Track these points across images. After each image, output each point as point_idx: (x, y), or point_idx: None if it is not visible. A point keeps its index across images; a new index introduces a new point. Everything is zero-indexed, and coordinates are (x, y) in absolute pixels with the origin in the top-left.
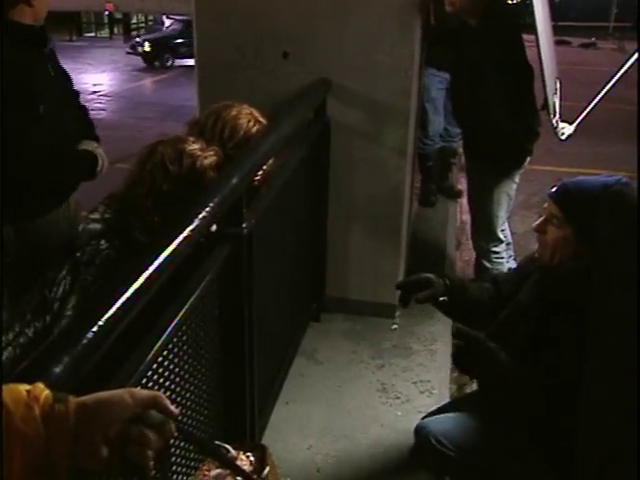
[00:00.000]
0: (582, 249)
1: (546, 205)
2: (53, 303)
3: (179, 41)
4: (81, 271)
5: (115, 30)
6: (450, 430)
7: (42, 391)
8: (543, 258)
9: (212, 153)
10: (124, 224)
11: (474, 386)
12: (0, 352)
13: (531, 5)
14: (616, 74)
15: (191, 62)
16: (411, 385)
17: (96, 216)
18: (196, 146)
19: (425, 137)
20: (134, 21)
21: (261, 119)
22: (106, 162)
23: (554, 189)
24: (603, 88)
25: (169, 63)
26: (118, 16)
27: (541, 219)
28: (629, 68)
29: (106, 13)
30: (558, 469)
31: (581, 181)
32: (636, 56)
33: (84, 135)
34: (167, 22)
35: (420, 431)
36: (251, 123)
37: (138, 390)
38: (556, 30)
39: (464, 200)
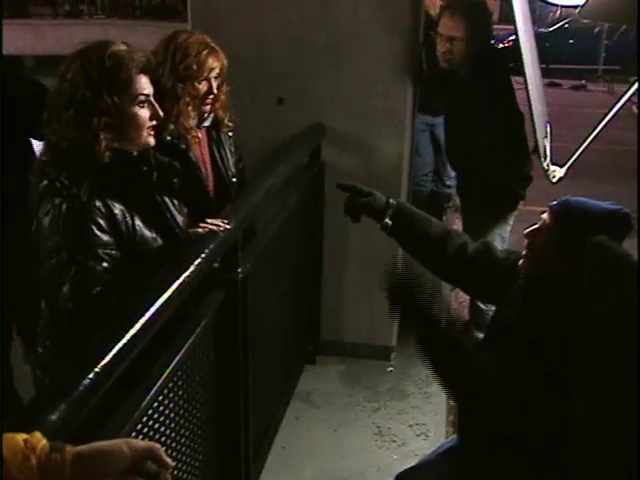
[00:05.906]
0: (566, 263)
1: (544, 215)
2: None
3: None
4: None
5: None
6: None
7: (39, 441)
8: (526, 268)
9: (140, 54)
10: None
11: None
12: (1, 398)
13: (519, 48)
14: (606, 117)
15: None
16: (407, 428)
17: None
18: (122, 47)
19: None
20: None
21: (212, 45)
22: None
23: (556, 201)
24: (594, 130)
25: None
26: None
27: (534, 226)
28: (619, 110)
29: None
30: None
31: (584, 201)
32: (625, 98)
33: None
34: None
35: None
36: (202, 47)
37: (135, 441)
38: (547, 73)
39: None
